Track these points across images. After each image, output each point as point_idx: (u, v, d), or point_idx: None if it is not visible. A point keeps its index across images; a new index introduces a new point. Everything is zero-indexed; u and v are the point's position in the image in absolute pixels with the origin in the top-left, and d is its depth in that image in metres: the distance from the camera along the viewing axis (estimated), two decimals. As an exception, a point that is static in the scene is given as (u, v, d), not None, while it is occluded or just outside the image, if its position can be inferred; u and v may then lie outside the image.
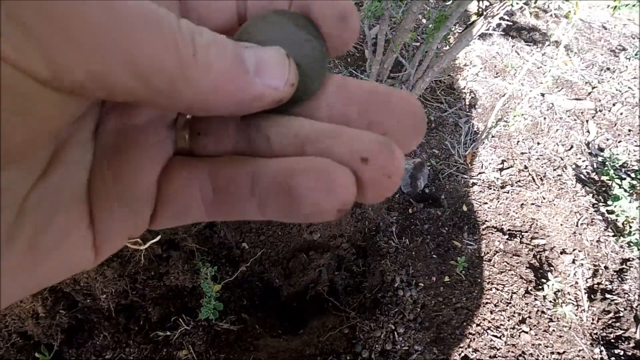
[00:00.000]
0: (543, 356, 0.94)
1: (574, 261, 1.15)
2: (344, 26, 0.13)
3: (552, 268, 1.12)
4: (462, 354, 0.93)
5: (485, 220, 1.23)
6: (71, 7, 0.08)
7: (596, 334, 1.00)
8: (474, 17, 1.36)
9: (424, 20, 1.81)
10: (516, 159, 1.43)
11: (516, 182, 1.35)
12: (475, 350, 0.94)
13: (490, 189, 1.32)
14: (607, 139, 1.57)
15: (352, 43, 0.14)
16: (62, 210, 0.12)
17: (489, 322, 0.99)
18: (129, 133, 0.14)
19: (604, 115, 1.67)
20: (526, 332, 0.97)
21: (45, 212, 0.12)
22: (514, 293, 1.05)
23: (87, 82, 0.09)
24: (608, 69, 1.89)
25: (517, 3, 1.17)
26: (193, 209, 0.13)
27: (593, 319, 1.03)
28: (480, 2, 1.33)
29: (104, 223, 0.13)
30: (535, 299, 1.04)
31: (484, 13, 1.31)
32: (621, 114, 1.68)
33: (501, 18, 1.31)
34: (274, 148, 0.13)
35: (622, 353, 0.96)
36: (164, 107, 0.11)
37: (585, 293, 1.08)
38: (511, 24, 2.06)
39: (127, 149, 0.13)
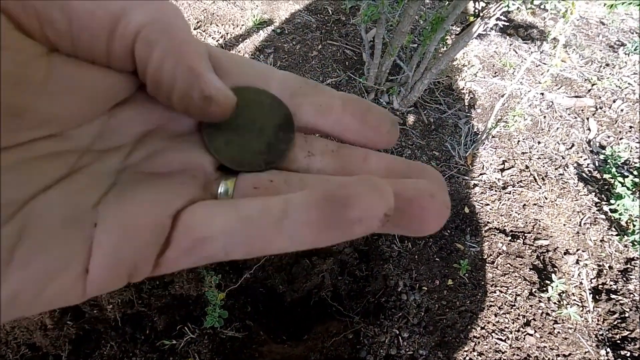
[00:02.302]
0: (549, 359, 0.94)
1: (577, 262, 1.15)
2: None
3: (555, 269, 1.12)
4: (467, 358, 0.93)
5: (488, 222, 1.23)
6: None
7: (602, 335, 1.00)
8: (471, 18, 1.37)
9: (420, 22, 1.81)
10: (517, 159, 1.43)
11: (518, 183, 1.35)
12: (480, 354, 0.94)
13: (492, 190, 1.32)
14: (609, 137, 1.57)
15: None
16: (61, 229, 0.11)
17: (494, 325, 0.99)
18: (153, 174, 0.14)
19: (605, 112, 1.66)
20: (531, 335, 0.97)
21: (44, 229, 0.11)
22: (518, 295, 1.05)
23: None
24: (607, 65, 1.89)
25: (513, 4, 1.17)
26: (212, 241, 0.12)
27: (598, 320, 1.03)
28: (477, 3, 1.33)
29: (102, 252, 0.12)
30: (540, 301, 1.04)
31: (481, 14, 1.31)
32: (622, 110, 1.67)
33: (498, 18, 1.31)
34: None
35: (628, 354, 0.95)
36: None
37: (589, 294, 1.08)
38: (508, 22, 2.06)
39: (147, 185, 0.13)
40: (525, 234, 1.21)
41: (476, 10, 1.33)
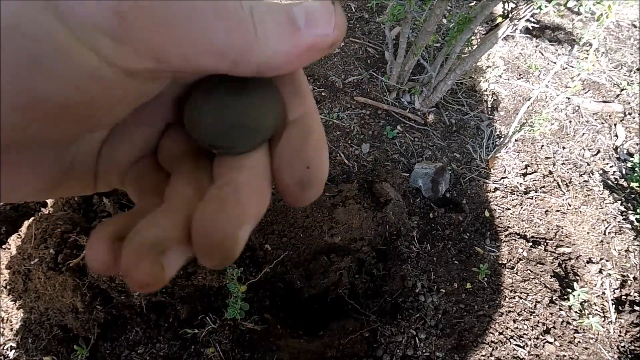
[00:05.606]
0: (568, 367, 0.93)
1: (601, 271, 1.13)
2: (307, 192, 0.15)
3: (577, 277, 1.10)
4: (485, 362, 0.93)
5: (508, 227, 1.22)
6: (166, 22, 0.12)
7: (624, 346, 0.98)
8: (498, 19, 1.34)
9: (444, 20, 1.78)
10: (540, 164, 1.40)
11: (540, 188, 1.32)
12: (498, 359, 0.94)
13: (514, 194, 1.30)
14: (637, 144, 1.52)
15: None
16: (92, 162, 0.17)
17: (512, 331, 0.98)
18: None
19: (634, 118, 1.61)
20: (551, 343, 0.96)
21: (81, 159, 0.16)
22: (538, 302, 1.04)
23: (182, 66, 0.13)
24: (638, 69, 1.82)
25: (546, 6, 1.14)
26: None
27: (620, 332, 1.01)
28: (506, 3, 1.30)
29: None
30: (560, 309, 1.03)
31: (510, 15, 1.28)
32: (652, 117, 1.62)
33: (527, 20, 1.28)
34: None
35: (651, 367, 0.94)
36: (239, 73, 0.13)
37: (612, 304, 1.06)
38: (535, 22, 2.01)
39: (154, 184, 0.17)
40: (547, 241, 1.19)
41: (505, 11, 1.30)
